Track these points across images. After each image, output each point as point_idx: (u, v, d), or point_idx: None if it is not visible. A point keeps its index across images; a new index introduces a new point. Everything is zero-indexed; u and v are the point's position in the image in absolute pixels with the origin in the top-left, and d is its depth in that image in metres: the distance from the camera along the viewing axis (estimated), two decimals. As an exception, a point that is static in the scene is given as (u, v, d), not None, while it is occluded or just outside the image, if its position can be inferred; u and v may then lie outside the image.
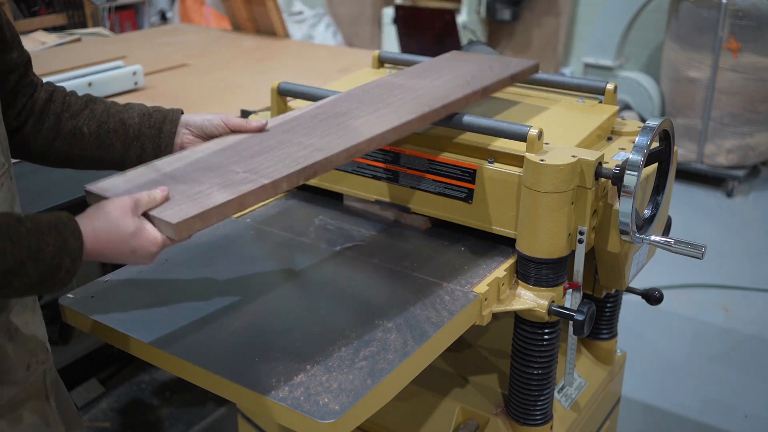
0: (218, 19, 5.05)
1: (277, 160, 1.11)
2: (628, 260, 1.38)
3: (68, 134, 1.20)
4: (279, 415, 0.99)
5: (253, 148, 1.16)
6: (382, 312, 1.18)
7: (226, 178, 1.06)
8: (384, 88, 1.41)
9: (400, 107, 1.30)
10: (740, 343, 2.80)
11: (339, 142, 1.16)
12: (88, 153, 1.22)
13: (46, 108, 1.20)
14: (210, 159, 1.13)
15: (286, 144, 1.17)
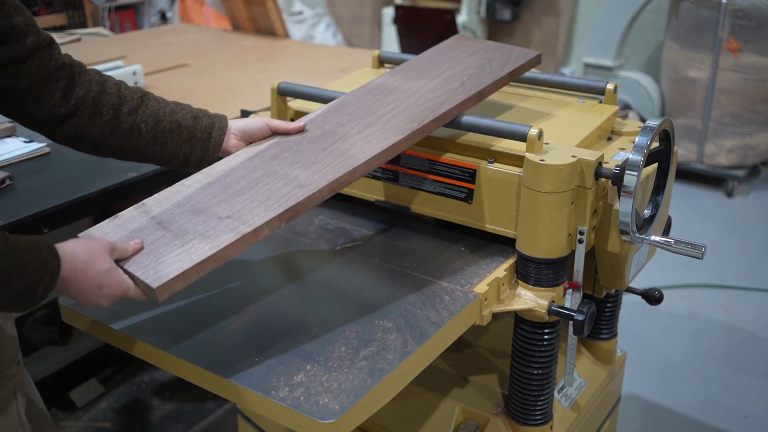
0: (218, 19, 5.05)
1: (260, 200, 1.12)
2: (628, 260, 1.38)
3: (126, 130, 1.22)
4: (279, 415, 0.99)
5: (239, 183, 1.17)
6: (382, 312, 1.18)
7: (208, 224, 1.08)
8: (377, 93, 1.40)
9: (390, 122, 1.29)
10: (740, 343, 2.80)
11: (323, 175, 1.16)
12: (141, 149, 1.25)
13: (101, 99, 1.20)
14: (197, 197, 1.15)
15: (271, 176, 1.18)
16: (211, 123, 1.28)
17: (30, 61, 1.12)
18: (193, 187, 1.17)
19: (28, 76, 1.12)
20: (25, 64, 1.11)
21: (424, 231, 1.44)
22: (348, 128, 1.29)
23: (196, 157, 1.28)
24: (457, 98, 1.34)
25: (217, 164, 1.23)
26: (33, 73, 1.12)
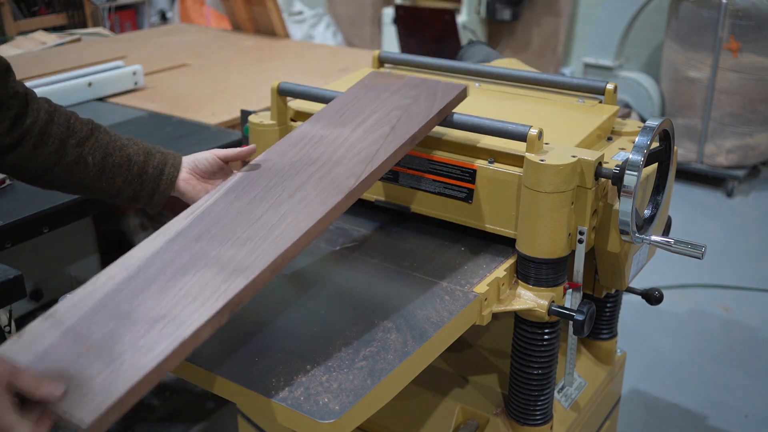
0: (218, 19, 5.05)
1: (194, 294, 0.98)
2: (628, 260, 1.38)
3: (71, 162, 1.16)
4: (279, 415, 0.99)
5: (164, 274, 1.02)
6: (382, 312, 1.18)
7: (138, 332, 0.93)
8: (302, 146, 1.27)
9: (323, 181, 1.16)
10: (740, 343, 2.80)
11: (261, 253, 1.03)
12: (87, 183, 1.19)
13: (48, 129, 1.14)
14: (116, 297, 1.00)
15: (201, 261, 1.03)
16: (163, 160, 1.23)
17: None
18: (110, 285, 1.02)
19: None
20: None
21: (424, 231, 1.44)
22: (278, 192, 1.15)
23: (145, 194, 1.22)
24: (391, 146, 1.22)
25: (134, 251, 1.07)
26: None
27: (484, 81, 1.67)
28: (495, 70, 1.65)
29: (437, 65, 1.71)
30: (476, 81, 1.67)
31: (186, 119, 2.16)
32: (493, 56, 2.24)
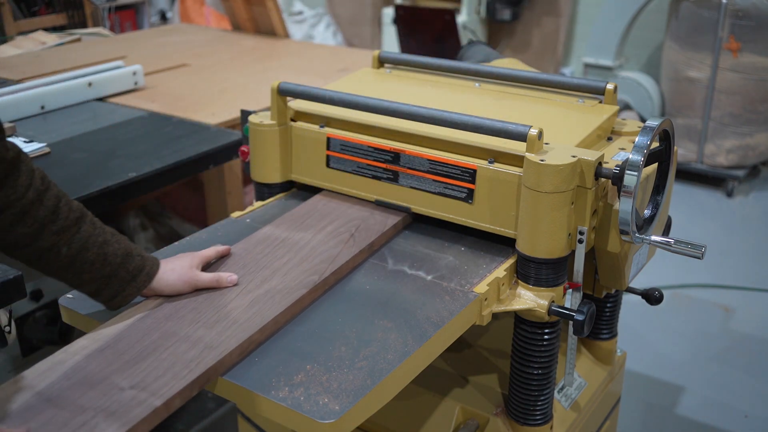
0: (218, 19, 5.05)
1: (166, 366, 1.01)
2: (628, 260, 1.38)
3: (44, 248, 1.08)
4: (279, 415, 0.99)
5: (134, 348, 1.06)
6: (382, 312, 1.18)
7: (110, 398, 0.96)
8: (266, 245, 1.34)
9: (288, 276, 1.24)
10: (740, 343, 2.80)
11: (231, 335, 1.08)
12: (52, 270, 1.11)
13: (32, 210, 1.06)
14: (88, 366, 1.02)
15: (171, 338, 1.07)
16: (140, 266, 1.15)
17: None
18: (80, 355, 1.04)
19: None
20: None
21: (424, 231, 1.45)
22: (244, 284, 1.21)
23: (107, 294, 1.14)
24: (351, 251, 1.31)
25: (104, 327, 1.11)
26: None
27: (484, 81, 1.67)
28: (495, 70, 1.65)
29: (437, 65, 1.71)
30: (476, 81, 1.67)
31: (186, 119, 2.16)
32: (493, 56, 2.24)
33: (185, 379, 0.99)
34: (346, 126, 1.49)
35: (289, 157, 1.55)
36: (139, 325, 1.12)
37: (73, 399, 0.96)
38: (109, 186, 1.69)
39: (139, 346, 1.06)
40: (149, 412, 0.93)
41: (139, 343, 1.07)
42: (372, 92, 1.53)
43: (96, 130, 2.08)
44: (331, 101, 1.44)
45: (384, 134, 1.45)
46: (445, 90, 1.64)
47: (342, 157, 1.47)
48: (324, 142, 1.49)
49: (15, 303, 1.39)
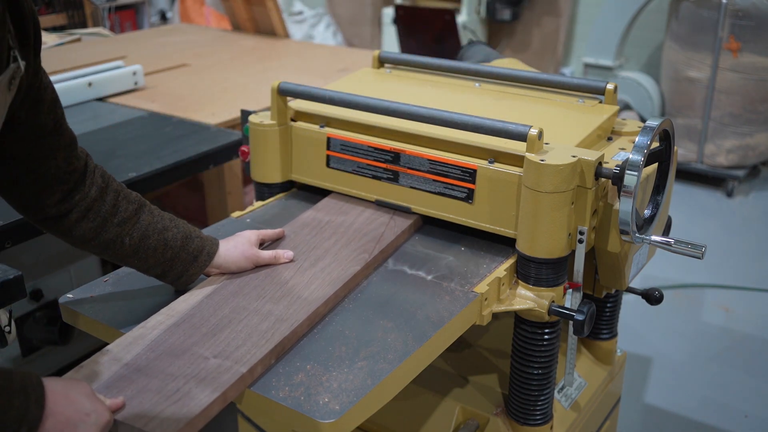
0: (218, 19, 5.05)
1: (244, 337, 1.07)
2: (628, 260, 1.38)
3: (108, 240, 1.15)
4: (279, 415, 0.99)
5: (209, 321, 1.12)
6: (382, 312, 1.18)
7: (197, 366, 1.01)
8: (312, 228, 1.40)
9: (340, 255, 1.30)
10: (740, 343, 2.80)
11: (297, 309, 1.14)
12: (118, 258, 1.19)
13: (95, 206, 1.14)
14: (169, 339, 1.08)
15: (242, 312, 1.14)
16: (200, 247, 1.22)
17: (44, 161, 1.07)
18: (158, 329, 1.10)
19: (35, 173, 1.07)
20: (38, 162, 1.07)
21: (424, 231, 1.45)
22: (300, 262, 1.28)
23: (173, 275, 1.21)
24: (394, 231, 1.38)
25: (175, 303, 1.18)
26: (43, 172, 1.08)
27: (484, 81, 1.67)
28: (495, 70, 1.65)
29: (437, 65, 1.71)
30: (476, 81, 1.67)
31: (186, 119, 2.16)
32: (493, 56, 2.24)
33: (264, 348, 1.05)
34: (346, 126, 1.49)
35: (289, 157, 1.55)
36: (208, 301, 1.17)
37: (161, 368, 1.01)
38: (109, 186, 1.69)
39: (213, 320, 1.12)
40: (237, 378, 0.99)
41: (213, 317, 1.13)
42: (372, 92, 1.53)
43: (96, 130, 2.08)
44: (331, 101, 1.44)
45: (384, 134, 1.45)
46: (445, 90, 1.64)
47: (342, 157, 1.47)
48: (324, 142, 1.49)
49: (15, 303, 1.39)
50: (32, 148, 1.05)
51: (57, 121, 1.07)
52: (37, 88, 1.03)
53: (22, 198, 1.10)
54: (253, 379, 1.02)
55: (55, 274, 2.14)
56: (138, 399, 0.96)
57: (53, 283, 2.10)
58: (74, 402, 0.90)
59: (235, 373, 1.00)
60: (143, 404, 0.95)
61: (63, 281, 2.13)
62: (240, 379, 0.99)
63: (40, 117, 1.04)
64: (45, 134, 1.06)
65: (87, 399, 0.91)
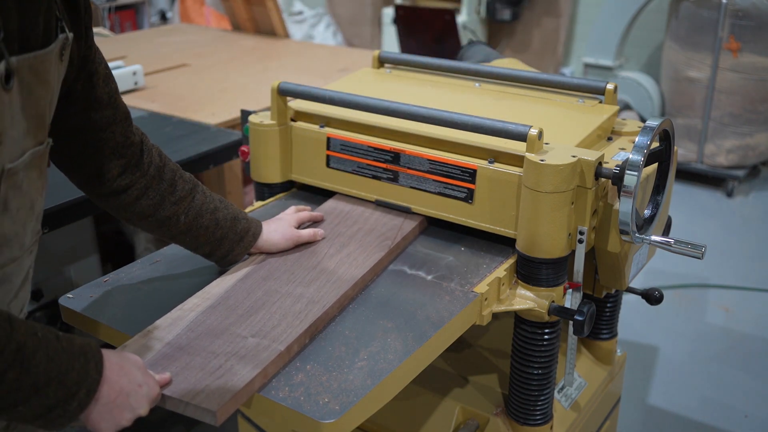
0: (218, 19, 5.05)
1: (278, 318, 1.12)
2: (628, 260, 1.38)
3: (165, 217, 1.19)
4: (279, 415, 0.99)
5: (244, 303, 1.16)
6: (382, 312, 1.18)
7: (236, 345, 1.06)
8: (335, 216, 1.44)
9: (364, 242, 1.35)
10: (740, 343, 2.80)
11: (327, 291, 1.19)
12: (173, 235, 1.23)
13: (153, 184, 1.17)
14: (207, 320, 1.12)
15: (275, 295, 1.18)
16: (246, 228, 1.28)
17: (101, 134, 1.09)
18: (196, 311, 1.15)
19: (93, 147, 1.10)
20: (96, 135, 1.09)
21: (424, 231, 1.44)
22: (325, 248, 1.33)
23: (220, 253, 1.26)
24: (412, 222, 1.41)
25: (210, 287, 1.22)
26: (101, 145, 1.10)
27: (484, 81, 1.67)
28: (495, 70, 1.65)
29: (437, 65, 1.71)
30: (476, 81, 1.67)
31: (186, 119, 2.16)
32: (493, 56, 2.24)
33: (299, 327, 1.09)
34: (346, 126, 1.49)
35: (289, 157, 1.55)
36: (241, 285, 1.22)
37: (203, 346, 1.05)
38: (109, 186, 1.68)
39: (247, 302, 1.17)
40: (275, 355, 1.03)
41: (247, 300, 1.17)
42: (372, 92, 1.53)
43: (96, 130, 2.08)
44: (331, 101, 1.44)
45: (384, 134, 1.45)
46: (445, 90, 1.64)
47: (342, 157, 1.47)
48: (324, 142, 1.49)
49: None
50: (90, 121, 1.07)
51: (111, 95, 1.09)
52: (91, 62, 1.04)
53: (82, 172, 1.13)
54: (290, 357, 1.06)
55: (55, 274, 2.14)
56: (183, 375, 0.99)
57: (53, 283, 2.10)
58: (128, 373, 0.93)
59: (274, 351, 1.04)
60: (188, 380, 0.99)
61: (63, 281, 2.14)
62: (278, 357, 1.03)
63: (96, 90, 1.06)
64: (101, 107, 1.08)
65: (139, 371, 0.95)
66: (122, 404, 0.91)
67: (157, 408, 0.98)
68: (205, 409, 0.94)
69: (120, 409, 0.91)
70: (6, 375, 0.80)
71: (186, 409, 0.96)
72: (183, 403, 0.96)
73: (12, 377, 0.80)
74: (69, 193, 1.62)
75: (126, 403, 0.91)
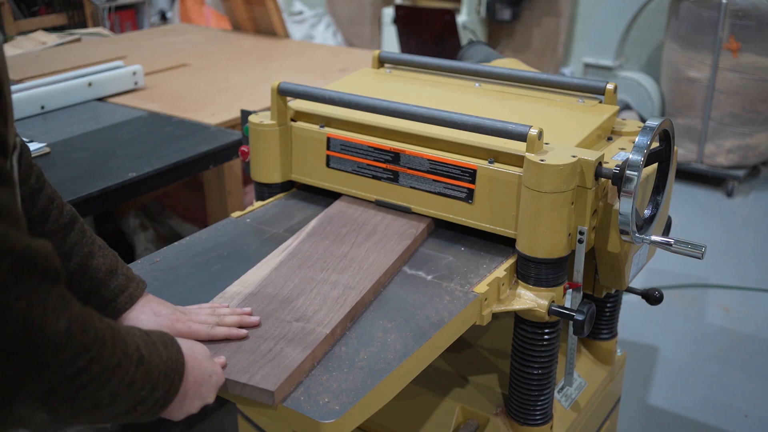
0: (218, 19, 5.05)
1: (319, 303, 1.15)
2: (628, 260, 1.38)
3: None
4: (279, 415, 0.99)
5: (282, 291, 1.19)
6: (382, 312, 1.18)
7: (283, 329, 1.09)
8: (351, 215, 1.44)
9: (388, 233, 1.37)
10: (740, 343, 2.80)
11: (362, 278, 1.23)
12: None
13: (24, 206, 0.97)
14: (250, 306, 1.15)
15: (311, 282, 1.22)
16: (123, 286, 1.06)
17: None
18: (238, 298, 1.17)
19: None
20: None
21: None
22: (352, 238, 1.36)
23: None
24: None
25: (248, 275, 1.25)
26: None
27: (484, 81, 1.67)
28: (495, 70, 1.65)
29: (437, 65, 1.71)
30: (476, 81, 1.67)
31: (186, 119, 2.16)
32: (493, 56, 2.24)
33: (340, 312, 1.13)
34: (346, 126, 1.49)
35: (289, 157, 1.55)
36: (276, 273, 1.25)
37: (250, 331, 1.08)
38: (109, 186, 1.69)
39: (286, 289, 1.20)
40: (322, 338, 1.06)
41: (285, 287, 1.20)
42: (372, 92, 1.53)
43: (96, 130, 2.08)
44: (331, 101, 1.44)
45: (384, 134, 1.45)
46: (445, 90, 1.64)
47: (342, 157, 1.47)
48: (324, 142, 1.49)
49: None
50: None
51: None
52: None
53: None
54: (334, 340, 1.09)
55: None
56: (236, 358, 1.02)
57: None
58: (200, 363, 0.93)
59: (320, 334, 1.07)
60: (242, 363, 1.01)
61: (63, 281, 2.13)
62: (324, 340, 1.06)
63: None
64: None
65: (208, 360, 0.95)
66: (195, 394, 0.92)
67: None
68: (263, 389, 0.96)
69: (192, 399, 0.92)
70: (134, 381, 0.78)
71: (243, 390, 0.98)
72: (241, 385, 0.98)
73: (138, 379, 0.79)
74: (69, 192, 1.62)
75: (198, 393, 0.92)
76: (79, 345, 0.70)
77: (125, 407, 0.79)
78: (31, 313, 0.65)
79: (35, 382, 0.67)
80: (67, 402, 0.71)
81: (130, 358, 0.77)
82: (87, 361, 0.71)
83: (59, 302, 0.68)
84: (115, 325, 0.78)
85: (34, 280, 0.66)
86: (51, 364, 0.67)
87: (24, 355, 0.65)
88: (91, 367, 0.71)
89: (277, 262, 1.28)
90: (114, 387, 0.75)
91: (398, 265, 1.29)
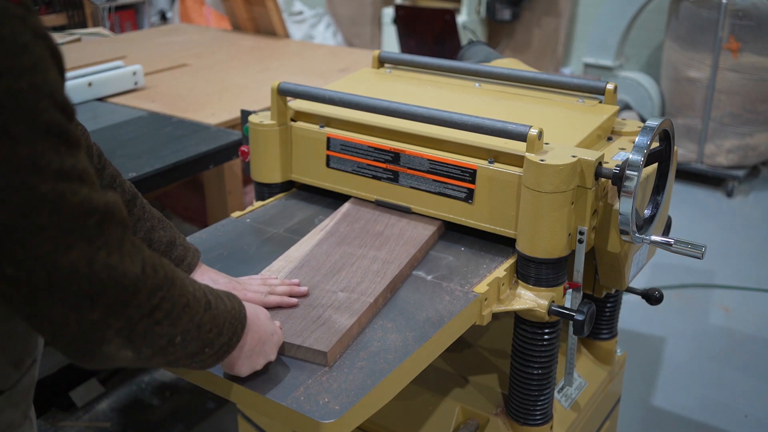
0: (218, 19, 5.05)
1: (361, 275, 1.22)
2: (628, 260, 1.38)
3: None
4: (279, 415, 0.99)
5: (325, 265, 1.26)
6: (382, 312, 1.18)
7: (329, 298, 1.16)
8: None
9: (415, 218, 1.42)
10: (740, 343, 2.80)
11: (399, 253, 1.29)
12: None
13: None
14: (297, 276, 1.22)
15: (351, 258, 1.28)
16: (182, 256, 1.15)
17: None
18: (284, 271, 1.24)
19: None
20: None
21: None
22: (386, 219, 1.41)
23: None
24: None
25: (290, 251, 1.31)
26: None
27: (484, 81, 1.67)
28: (495, 70, 1.65)
29: (437, 65, 1.71)
30: (476, 81, 1.67)
31: (186, 119, 2.16)
32: (493, 56, 2.24)
33: (381, 284, 1.20)
34: (346, 126, 1.49)
35: (289, 157, 1.55)
36: (317, 249, 1.31)
37: (299, 300, 1.15)
38: (109, 186, 1.69)
39: (328, 263, 1.26)
40: (367, 306, 1.13)
41: (327, 262, 1.27)
42: (372, 92, 1.53)
43: (96, 130, 2.08)
44: (331, 101, 1.44)
45: (384, 134, 1.45)
46: (445, 90, 1.64)
47: (342, 157, 1.47)
48: (324, 142, 1.49)
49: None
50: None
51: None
52: None
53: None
54: (377, 309, 1.16)
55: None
56: (289, 323, 1.09)
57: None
58: (263, 322, 0.99)
59: (365, 303, 1.14)
60: (294, 327, 1.08)
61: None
62: (369, 308, 1.13)
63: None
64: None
65: (269, 320, 1.02)
66: (259, 351, 0.98)
67: (156, 408, 0.98)
68: (317, 350, 1.03)
69: (257, 356, 0.98)
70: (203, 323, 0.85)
71: (297, 351, 1.04)
72: (295, 347, 1.04)
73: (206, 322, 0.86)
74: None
75: (262, 350, 0.99)
76: (153, 284, 0.78)
77: (195, 348, 0.86)
78: (111, 259, 0.73)
79: (119, 321, 0.75)
80: (147, 338, 0.79)
81: (198, 301, 0.85)
82: (159, 299, 0.79)
83: (132, 248, 0.77)
84: (183, 273, 0.85)
85: (112, 231, 0.74)
86: (131, 302, 0.76)
87: (109, 297, 0.74)
88: (164, 305, 0.79)
89: (317, 240, 1.34)
90: (185, 325, 0.83)
91: (431, 241, 1.36)
